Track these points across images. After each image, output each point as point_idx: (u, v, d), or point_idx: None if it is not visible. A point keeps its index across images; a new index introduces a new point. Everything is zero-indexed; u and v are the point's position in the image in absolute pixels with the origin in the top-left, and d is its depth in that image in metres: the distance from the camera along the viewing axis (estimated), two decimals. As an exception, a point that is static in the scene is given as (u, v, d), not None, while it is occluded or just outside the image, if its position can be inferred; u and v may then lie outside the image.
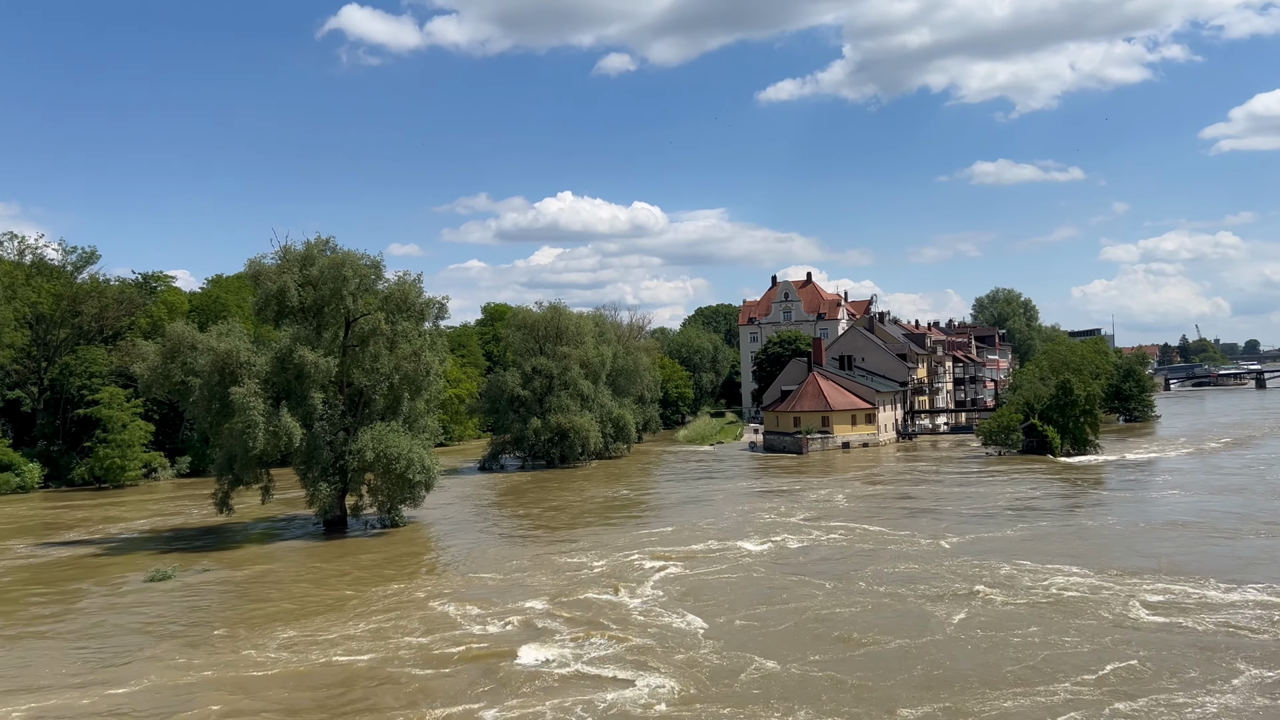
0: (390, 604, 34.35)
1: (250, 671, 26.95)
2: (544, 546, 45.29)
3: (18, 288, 76.77)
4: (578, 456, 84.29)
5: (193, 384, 49.01)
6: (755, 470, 78.16)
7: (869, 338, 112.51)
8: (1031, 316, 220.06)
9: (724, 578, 37.62)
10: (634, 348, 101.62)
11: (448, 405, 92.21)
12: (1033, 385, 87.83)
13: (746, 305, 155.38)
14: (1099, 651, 26.51)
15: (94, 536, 51.85)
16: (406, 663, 27.48)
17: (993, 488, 62.11)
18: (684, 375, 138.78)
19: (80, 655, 29.17)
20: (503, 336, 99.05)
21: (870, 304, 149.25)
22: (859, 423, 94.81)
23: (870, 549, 42.56)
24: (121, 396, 75.78)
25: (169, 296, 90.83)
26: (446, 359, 55.06)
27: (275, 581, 39.17)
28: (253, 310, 54.62)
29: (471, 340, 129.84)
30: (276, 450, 48.10)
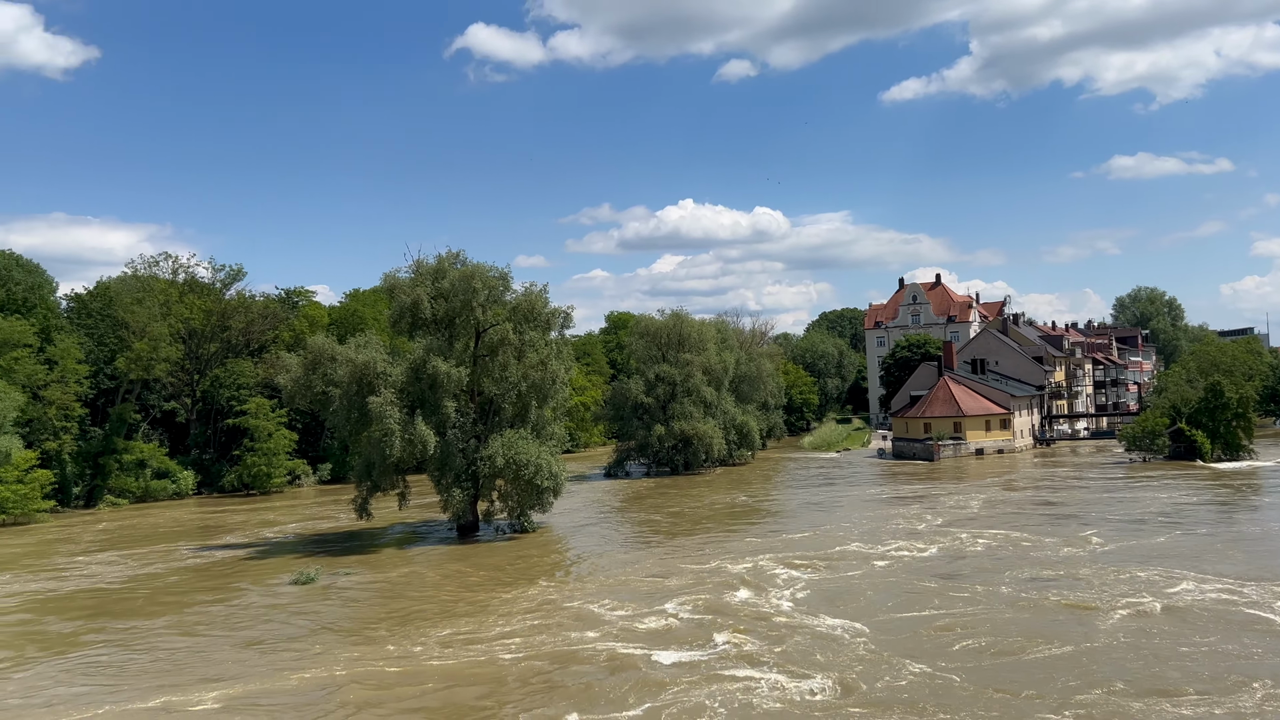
0: (530, 606, 35.01)
1: (403, 668, 27.84)
2: (675, 551, 45.51)
3: (172, 304, 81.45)
4: (701, 463, 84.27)
5: (333, 394, 51.05)
6: (885, 477, 76.62)
7: (1003, 340, 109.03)
8: (1177, 316, 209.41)
9: (861, 582, 37.21)
10: (757, 354, 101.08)
11: (573, 413, 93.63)
12: (1179, 388, 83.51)
13: (872, 309, 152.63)
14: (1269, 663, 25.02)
15: (243, 541, 54.50)
16: (553, 661, 28.10)
17: (1139, 494, 59.40)
18: (808, 381, 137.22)
19: (244, 650, 30.66)
20: (626, 344, 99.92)
21: (1003, 305, 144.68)
22: (993, 428, 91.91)
23: (1012, 555, 41.48)
24: (267, 407, 79.63)
25: (310, 310, 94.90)
26: (572, 367, 55.87)
27: (416, 584, 40.38)
28: (388, 322, 56.55)
29: (596, 348, 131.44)
30: (412, 457, 49.63)
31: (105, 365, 78.81)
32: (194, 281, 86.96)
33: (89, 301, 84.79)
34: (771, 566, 40.65)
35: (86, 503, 72.85)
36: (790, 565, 40.71)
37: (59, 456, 70.77)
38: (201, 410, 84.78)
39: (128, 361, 76.16)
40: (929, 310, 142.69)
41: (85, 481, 73.68)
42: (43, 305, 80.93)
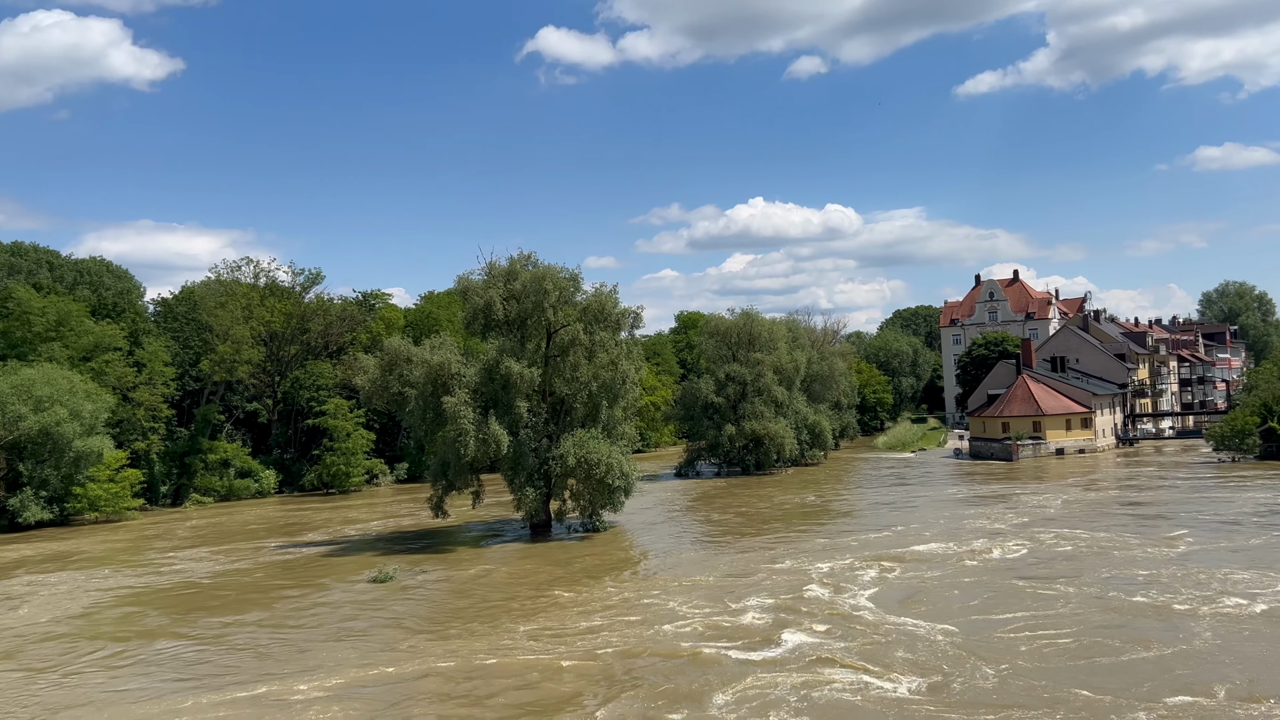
0: (609, 603, 35.25)
1: (494, 660, 28.27)
2: (749, 550, 45.44)
3: (254, 308, 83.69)
4: (773, 463, 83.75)
5: (409, 395, 51.95)
6: (962, 477, 75.26)
7: (1083, 337, 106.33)
8: (1268, 311, 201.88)
9: (942, 582, 36.86)
10: (829, 353, 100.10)
11: (644, 412, 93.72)
12: (1271, 385, 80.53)
13: (948, 306, 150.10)
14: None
15: (323, 539, 55.72)
16: (636, 656, 28.41)
17: (1229, 494, 57.54)
18: (882, 380, 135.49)
19: (333, 643, 31.36)
20: (696, 344, 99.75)
21: (1084, 301, 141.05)
22: (1074, 427, 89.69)
23: (1097, 555, 40.74)
24: (345, 407, 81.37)
25: (386, 313, 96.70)
26: (642, 367, 56.02)
27: (493, 582, 40.88)
28: (462, 324, 57.36)
29: (666, 348, 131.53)
30: (486, 457, 50.24)
31: (190, 367, 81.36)
32: (275, 285, 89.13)
33: (175, 306, 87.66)
34: (849, 566, 40.43)
35: (173, 501, 75.24)
36: (868, 565, 40.48)
37: (147, 456, 73.24)
38: (282, 411, 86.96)
39: (212, 364, 78.52)
40: (1006, 307, 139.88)
41: (172, 480, 76.11)
42: (131, 310, 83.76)
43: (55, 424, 60.95)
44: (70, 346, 71.69)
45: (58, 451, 62.29)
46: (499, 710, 24.63)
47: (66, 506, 63.77)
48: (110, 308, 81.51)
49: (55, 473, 62.89)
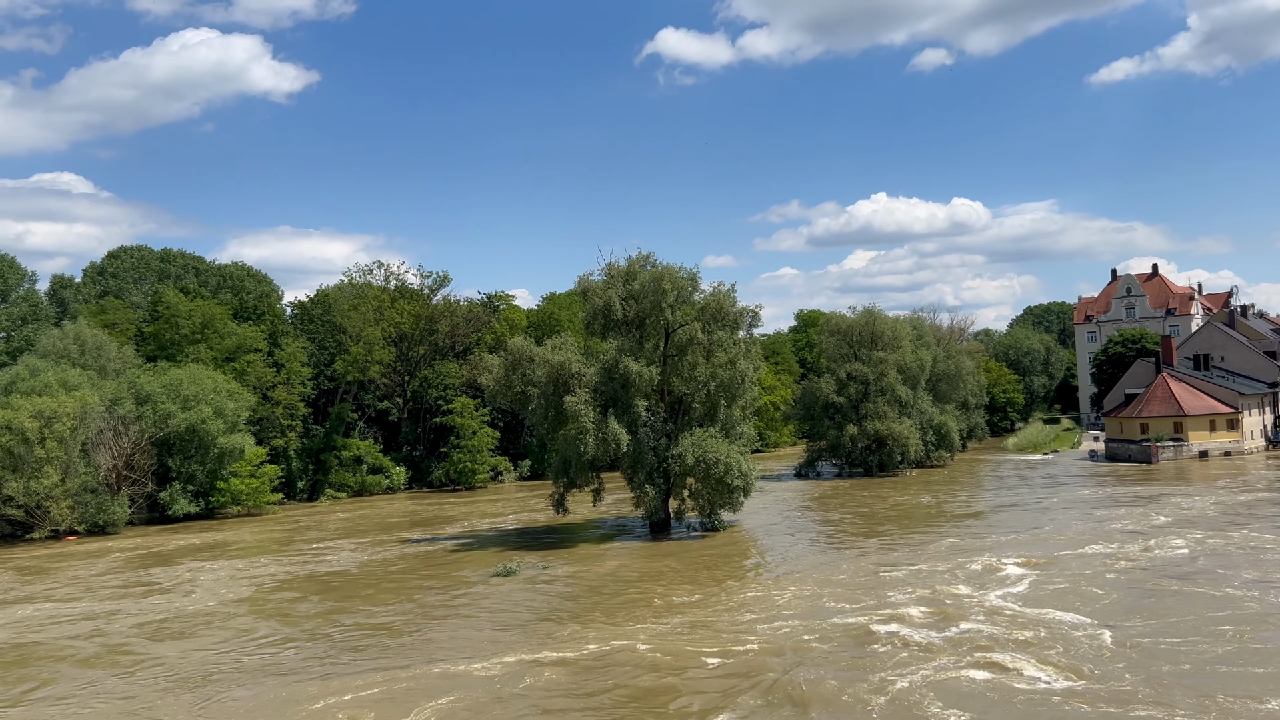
0: (732, 600, 35.38)
1: (621, 651, 28.82)
2: (875, 550, 45.03)
3: (384, 310, 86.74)
4: (896, 464, 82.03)
5: (531, 393, 53.02)
6: (1099, 479, 72.24)
7: (1229, 334, 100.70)
8: None
9: (1088, 581, 36.57)
10: (955, 351, 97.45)
11: (762, 412, 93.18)
12: None
13: (1082, 302, 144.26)
14: None
15: (452, 533, 57.40)
16: (776, 654, 28.76)
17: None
18: (1012, 379, 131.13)
19: (485, 630, 32.61)
20: (816, 343, 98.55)
21: (1230, 296, 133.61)
22: (1218, 428, 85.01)
23: (1252, 558, 39.33)
24: (471, 406, 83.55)
25: (510, 314, 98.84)
26: (760, 366, 55.73)
27: (618, 578, 41.46)
28: (582, 324, 58.20)
29: (785, 347, 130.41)
30: (605, 455, 50.85)
31: (325, 368, 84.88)
32: (404, 288, 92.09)
33: (310, 308, 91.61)
34: (985, 566, 40.03)
35: (309, 496, 78.63)
36: (1007, 565, 40.23)
37: (285, 453, 76.80)
38: (411, 409, 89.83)
39: (345, 364, 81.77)
40: (1145, 303, 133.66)
41: (308, 476, 79.57)
42: (270, 312, 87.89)
43: (201, 421, 64.51)
44: (214, 348, 75.81)
45: (203, 448, 65.91)
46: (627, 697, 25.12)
47: (211, 500, 67.43)
48: (251, 310, 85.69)
49: (201, 468, 66.55)
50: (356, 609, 37.57)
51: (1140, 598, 33.81)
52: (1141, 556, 40.94)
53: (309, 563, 49.03)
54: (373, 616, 36.18)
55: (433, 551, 50.81)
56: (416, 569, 45.86)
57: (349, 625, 34.99)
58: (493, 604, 37.31)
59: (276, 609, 38.64)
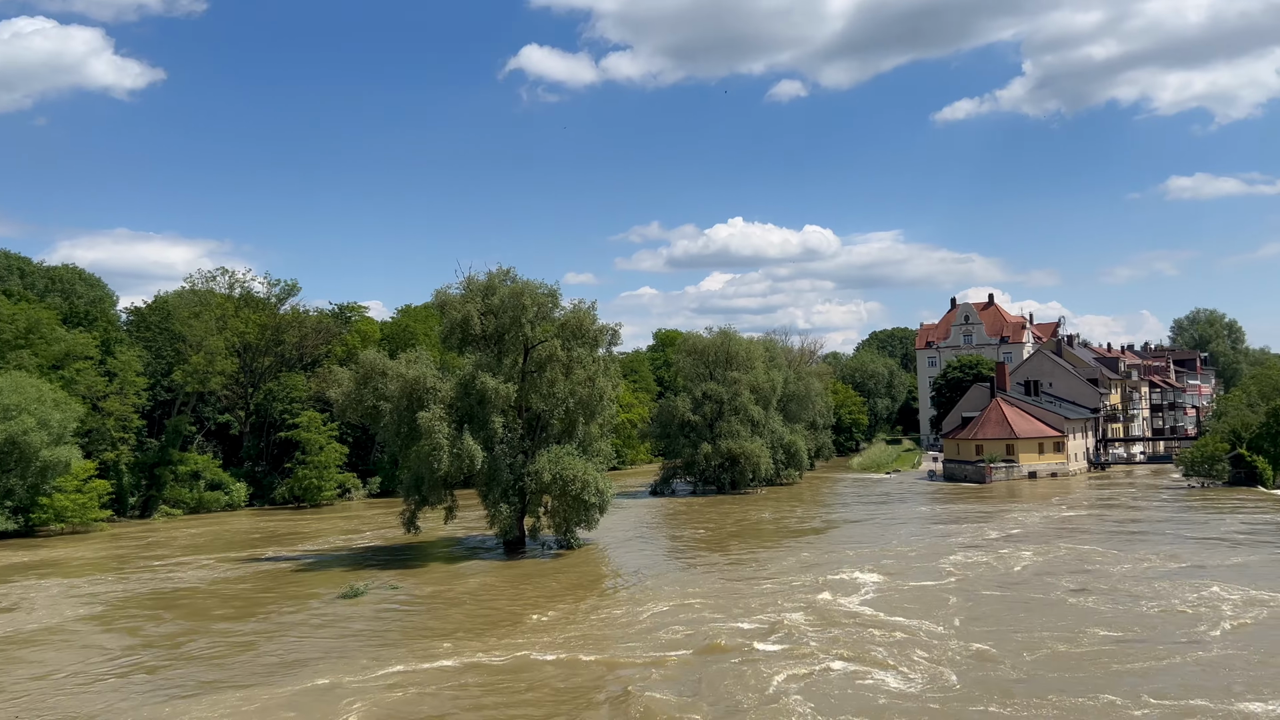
0: (579, 620, 34.92)
1: (475, 678, 27.98)
2: (730, 565, 45.59)
3: (228, 319, 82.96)
4: (748, 482, 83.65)
5: (383, 408, 51.56)
6: (937, 498, 75.58)
7: (1057, 362, 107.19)
8: (1237, 339, 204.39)
9: (932, 592, 38.25)
10: (805, 373, 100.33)
11: (620, 430, 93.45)
12: (1240, 412, 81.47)
13: (924, 329, 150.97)
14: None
15: (294, 553, 55.11)
16: (632, 665, 28.64)
17: (1202, 516, 58.62)
18: (858, 401, 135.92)
19: (311, 654, 31.02)
20: (673, 362, 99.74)
21: (1058, 326, 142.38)
22: (1046, 451, 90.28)
23: (1077, 570, 42.12)
24: (319, 420, 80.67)
25: (362, 326, 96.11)
26: (619, 384, 55.89)
27: (466, 598, 40.51)
28: (439, 338, 57.07)
29: (643, 366, 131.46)
30: (460, 472, 49.88)
31: (162, 378, 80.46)
32: (249, 296, 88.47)
33: (148, 315, 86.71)
34: (834, 578, 41.21)
35: (142, 513, 74.23)
36: (854, 576, 41.71)
37: (116, 467, 72.25)
38: (255, 423, 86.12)
39: (184, 374, 77.69)
40: (981, 330, 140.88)
41: (141, 492, 75.11)
42: (104, 318, 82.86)
43: (22, 433, 59.97)
44: (40, 354, 70.73)
45: (24, 461, 61.28)
46: None
47: (32, 517, 62.80)
48: (82, 316, 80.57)
49: (21, 482, 61.89)
50: (208, 628, 36.15)
51: (979, 605, 35.83)
52: (979, 568, 43.23)
53: (152, 580, 46.64)
54: (226, 635, 34.91)
55: (279, 570, 48.72)
56: (265, 588, 43.98)
57: (204, 644, 33.73)
58: (339, 625, 35.88)
59: (126, 627, 36.90)
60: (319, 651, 32.14)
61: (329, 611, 38.46)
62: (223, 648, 33.35)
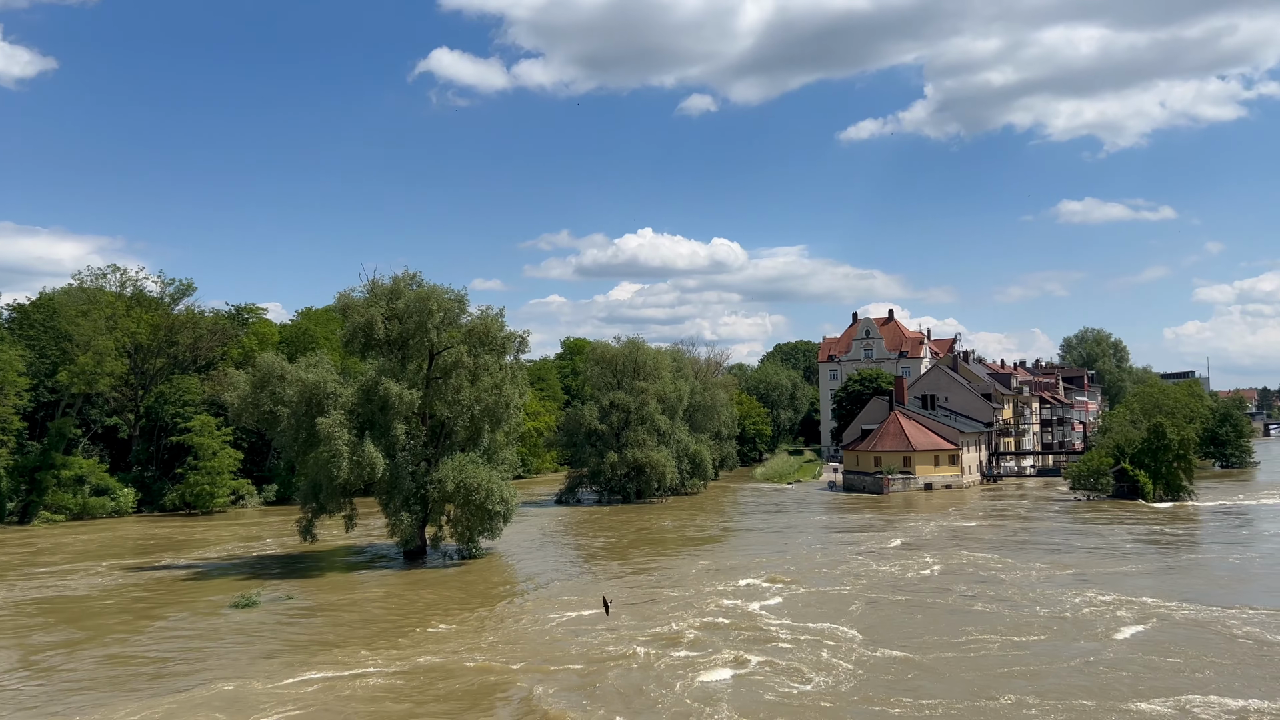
0: (473, 631, 34.50)
1: (336, 694, 27.27)
2: (634, 573, 45.55)
3: (118, 318, 79.78)
4: (654, 492, 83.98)
5: (281, 413, 50.21)
6: (837, 508, 77.00)
7: (953, 377, 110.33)
8: (1122, 358, 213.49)
9: (832, 597, 39.27)
10: (711, 384, 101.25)
11: (526, 438, 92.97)
12: (1123, 428, 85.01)
13: (826, 342, 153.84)
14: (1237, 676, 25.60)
15: (183, 561, 53.18)
16: (530, 673, 28.27)
17: (1086, 527, 60.81)
18: (762, 412, 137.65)
19: (185, 671, 29.88)
20: (581, 370, 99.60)
21: (954, 343, 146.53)
22: (942, 464, 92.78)
23: (975, 575, 43.63)
24: (212, 425, 78.07)
25: (260, 328, 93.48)
26: (526, 392, 55.51)
27: (360, 608, 39.63)
28: (340, 342, 55.86)
29: (550, 374, 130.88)
30: (360, 480, 48.85)
31: (46, 378, 76.85)
32: (142, 295, 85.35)
33: (32, 313, 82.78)
34: (738, 584, 41.81)
35: (21, 519, 70.76)
36: (758, 583, 42.64)
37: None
38: (145, 426, 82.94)
39: (70, 375, 74.37)
40: (881, 345, 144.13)
41: (20, 497, 71.62)
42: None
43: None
44: (-89, 351, 66.97)
45: (-110, 463, 57.91)
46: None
47: (-102, 523, 59.32)
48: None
49: (-113, 486, 58.42)
50: (101, 636, 35.17)
51: (879, 610, 37.00)
52: (878, 575, 44.43)
53: (41, 588, 44.83)
54: (120, 644, 34.08)
55: (171, 579, 47.02)
56: (158, 596, 42.59)
57: (97, 653, 32.77)
58: (231, 635, 34.76)
59: (15, 637, 35.56)
60: (208, 662, 31.08)
61: (221, 621, 37.27)
62: (114, 657, 32.16)
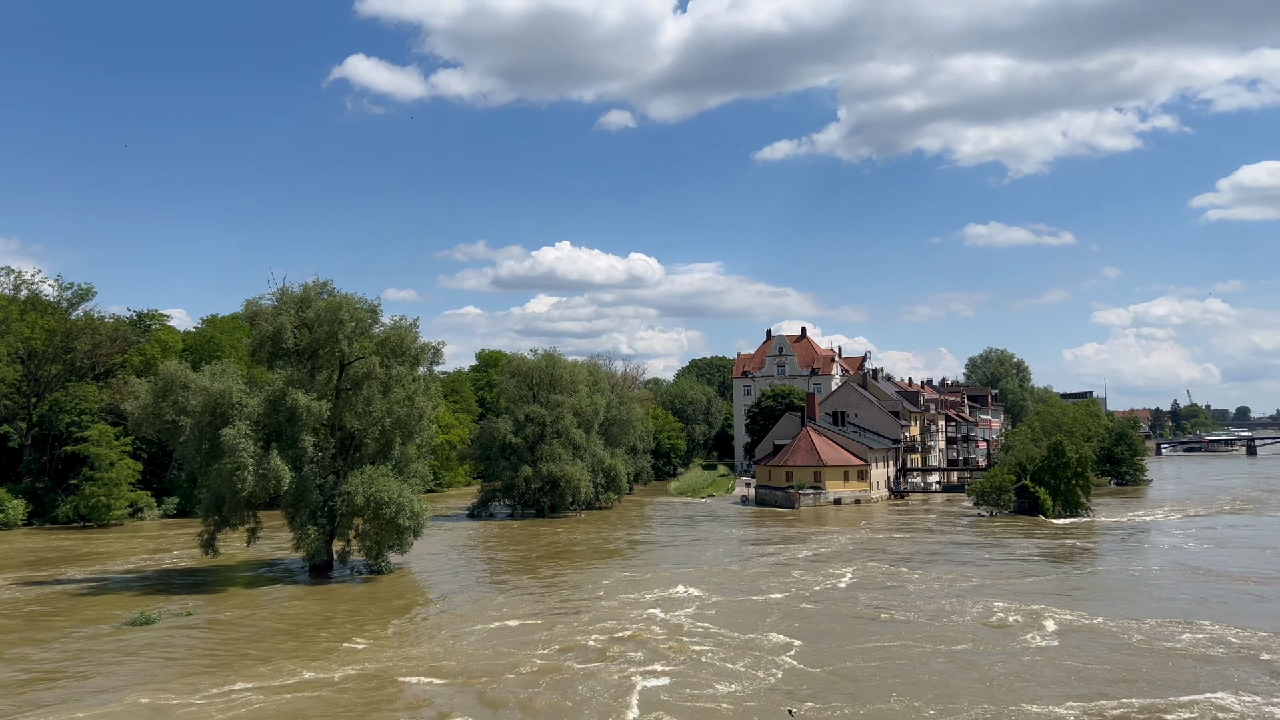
0: (376, 649, 33.81)
1: (275, 705, 26.48)
2: (547, 587, 45.38)
3: (11, 323, 76.54)
4: (568, 506, 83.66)
5: (183, 424, 48.68)
6: (748, 522, 77.78)
7: (862, 394, 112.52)
8: (1024, 377, 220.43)
9: (746, 607, 40.26)
10: (627, 398, 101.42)
11: (439, 451, 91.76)
12: (1025, 446, 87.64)
13: (741, 358, 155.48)
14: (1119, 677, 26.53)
15: (77, 576, 51.10)
16: (430, 690, 27.48)
17: (989, 541, 62.58)
18: (677, 427, 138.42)
19: (60, 699, 28.62)
20: (496, 383, 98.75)
21: (864, 360, 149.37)
22: (851, 479, 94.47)
23: (883, 584, 45.06)
24: (110, 434, 75.26)
25: (163, 335, 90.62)
26: (439, 404, 54.76)
27: (262, 625, 38.57)
28: (247, 351, 54.46)
29: (465, 386, 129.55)
30: (265, 493, 47.61)
31: (-70, 384, 73.27)
32: (37, 299, 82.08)
33: (-84, 315, 78.88)
34: (653, 596, 42.18)
35: (-102, 532, 67.19)
36: (673, 593, 43.19)
37: None
38: (37, 435, 79.53)
39: (-44, 381, 71.03)
40: (794, 362, 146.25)
41: (-102, 509, 68.00)
42: None
43: None
44: None
45: None
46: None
47: None
48: None
49: None
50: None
51: (794, 618, 38.04)
52: (791, 585, 45.46)
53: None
54: (11, 663, 32.42)
55: (65, 594, 45.13)
56: (50, 612, 41.04)
57: None
58: (128, 654, 33.50)
59: None
60: (111, 680, 29.85)
61: (118, 639, 35.90)
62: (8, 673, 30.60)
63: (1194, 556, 56.22)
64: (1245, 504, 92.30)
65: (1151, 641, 34.42)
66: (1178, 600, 42.54)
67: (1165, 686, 28.75)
